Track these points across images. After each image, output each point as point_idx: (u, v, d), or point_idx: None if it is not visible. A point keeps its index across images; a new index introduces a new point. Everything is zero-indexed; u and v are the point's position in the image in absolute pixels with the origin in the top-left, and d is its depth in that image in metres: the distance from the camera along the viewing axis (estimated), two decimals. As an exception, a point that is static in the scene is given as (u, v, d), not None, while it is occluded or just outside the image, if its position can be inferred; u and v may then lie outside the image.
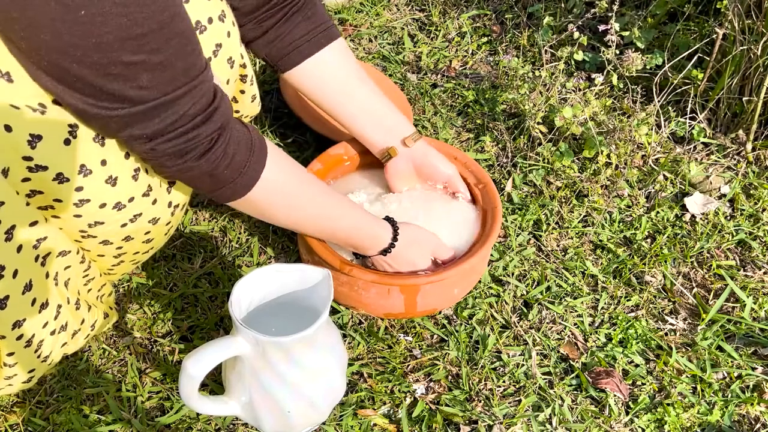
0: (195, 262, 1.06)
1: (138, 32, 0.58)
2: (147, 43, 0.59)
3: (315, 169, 1.04)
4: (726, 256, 1.13)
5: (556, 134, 1.23)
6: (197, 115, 0.67)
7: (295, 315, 0.82)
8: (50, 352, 0.77)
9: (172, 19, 0.61)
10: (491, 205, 1.01)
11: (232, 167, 0.73)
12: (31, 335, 0.72)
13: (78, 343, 0.83)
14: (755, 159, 1.25)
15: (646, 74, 1.33)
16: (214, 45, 0.83)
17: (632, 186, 1.21)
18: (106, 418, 0.89)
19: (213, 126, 0.69)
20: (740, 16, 1.17)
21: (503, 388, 0.95)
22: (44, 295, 0.72)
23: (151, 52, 0.60)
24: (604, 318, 1.04)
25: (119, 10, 0.56)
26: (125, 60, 0.59)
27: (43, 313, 0.72)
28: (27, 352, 0.73)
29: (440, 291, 0.96)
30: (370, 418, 0.90)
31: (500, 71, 1.39)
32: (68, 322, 0.78)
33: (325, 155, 1.06)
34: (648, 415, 0.93)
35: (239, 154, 0.73)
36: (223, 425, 0.89)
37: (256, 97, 0.97)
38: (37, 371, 0.78)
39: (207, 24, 0.81)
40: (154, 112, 0.64)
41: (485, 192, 1.03)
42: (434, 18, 1.52)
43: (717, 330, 1.02)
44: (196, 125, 0.68)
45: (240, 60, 0.87)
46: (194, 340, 0.98)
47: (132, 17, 0.57)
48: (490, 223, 0.99)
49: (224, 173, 0.73)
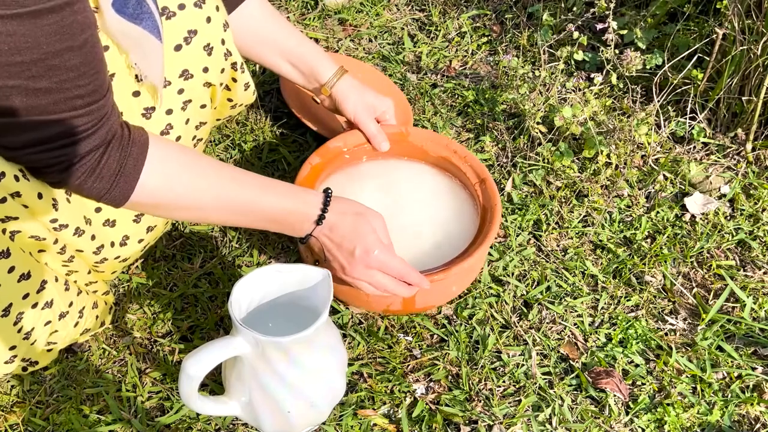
0: (195, 262, 1.06)
1: (18, 60, 0.58)
2: (26, 70, 0.59)
3: (314, 163, 1.03)
4: (726, 256, 1.13)
5: (556, 134, 1.23)
6: (67, 137, 0.66)
7: (295, 315, 0.82)
8: (32, 328, 0.76)
9: (64, 52, 0.61)
10: (491, 202, 1.01)
11: (102, 180, 0.70)
12: (7, 304, 0.71)
13: (67, 331, 0.83)
14: (755, 159, 1.25)
15: (646, 74, 1.33)
16: (185, 32, 0.82)
17: (632, 186, 1.21)
18: (106, 418, 0.89)
19: (83, 148, 0.67)
20: (740, 16, 1.17)
21: (503, 388, 0.95)
22: (25, 266, 0.71)
23: (30, 78, 0.60)
24: (604, 318, 1.04)
25: (2, 38, 0.57)
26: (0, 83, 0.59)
27: (23, 283, 0.71)
28: (4, 323, 0.72)
29: (439, 289, 0.96)
30: (370, 418, 0.90)
31: (500, 71, 1.39)
32: (54, 300, 0.77)
33: (323, 149, 1.06)
34: (648, 415, 0.93)
35: (109, 166, 0.70)
36: (223, 425, 0.89)
37: (249, 85, 0.96)
38: (20, 350, 0.77)
39: (177, 10, 0.80)
40: (17, 129, 0.63)
41: (485, 189, 1.03)
42: (434, 18, 1.52)
43: (717, 330, 1.02)
44: (63, 145, 0.66)
45: (222, 47, 0.86)
46: (194, 340, 0.98)
47: (14, 45, 0.57)
48: (489, 221, 0.99)
49: (94, 186, 0.70)
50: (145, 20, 0.74)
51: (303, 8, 1.53)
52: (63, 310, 0.80)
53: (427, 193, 1.07)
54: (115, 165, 0.69)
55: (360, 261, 0.85)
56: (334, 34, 1.48)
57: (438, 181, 1.09)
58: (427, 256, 0.99)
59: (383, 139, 1.07)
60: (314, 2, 1.54)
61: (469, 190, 1.06)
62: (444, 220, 1.03)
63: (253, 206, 0.81)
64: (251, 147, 1.23)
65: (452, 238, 1.00)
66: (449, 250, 0.99)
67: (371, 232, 0.85)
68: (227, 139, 1.25)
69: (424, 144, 1.09)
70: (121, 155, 0.70)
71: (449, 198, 1.06)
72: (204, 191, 0.77)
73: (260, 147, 1.24)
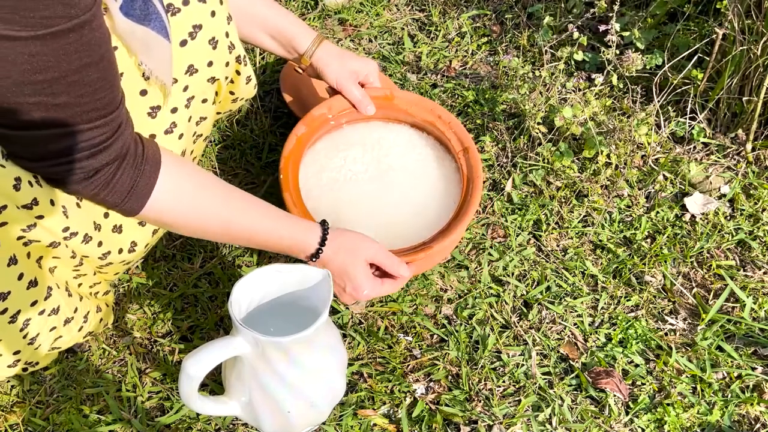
0: (195, 262, 1.06)
1: (39, 78, 0.60)
2: (47, 87, 0.61)
3: (300, 133, 1.04)
4: (726, 256, 1.13)
5: (556, 134, 1.23)
6: (83, 150, 0.67)
7: (295, 315, 0.82)
8: (37, 334, 0.76)
9: (84, 68, 0.62)
10: (473, 174, 1.01)
11: (115, 194, 0.72)
12: (16, 311, 0.71)
13: (71, 335, 0.83)
14: (755, 159, 1.25)
15: (646, 74, 1.33)
16: (190, 27, 0.82)
17: (632, 186, 1.21)
18: (106, 418, 0.89)
19: (98, 162, 0.69)
20: (740, 16, 1.17)
21: (503, 388, 0.95)
22: (32, 273, 0.71)
23: (50, 95, 0.61)
24: (604, 318, 1.04)
25: (25, 59, 0.58)
26: (20, 100, 0.60)
27: (32, 290, 0.71)
28: (11, 329, 0.72)
29: (424, 265, 1.00)
30: (370, 418, 0.90)
31: (500, 71, 1.39)
32: (60, 307, 0.78)
33: (308, 117, 1.06)
34: (648, 415, 0.93)
35: (122, 182, 0.72)
36: (223, 425, 0.89)
37: (251, 78, 0.97)
38: (23, 355, 0.77)
39: (182, 6, 0.80)
40: (36, 142, 0.65)
41: (468, 158, 1.03)
42: (434, 18, 1.52)
43: (717, 330, 1.02)
44: (79, 159, 0.68)
45: (226, 40, 0.87)
46: (194, 340, 0.98)
47: (36, 65, 0.59)
48: (470, 193, 0.99)
49: (107, 198, 0.72)
50: (153, 21, 0.75)
51: (303, 8, 1.53)
52: (68, 315, 0.81)
53: (412, 157, 1.08)
54: (128, 182, 0.72)
55: (350, 297, 0.92)
56: (334, 34, 1.48)
57: (423, 144, 1.10)
58: (414, 217, 1.02)
59: (368, 103, 1.08)
60: (314, 2, 1.54)
61: (453, 156, 1.07)
62: (429, 184, 1.05)
63: (255, 236, 0.85)
64: (251, 147, 1.23)
65: (437, 198, 1.03)
66: (435, 210, 1.02)
67: (361, 271, 0.90)
68: (227, 138, 1.25)
69: (409, 108, 1.09)
70: (135, 173, 0.72)
71: (435, 164, 1.07)
72: (210, 216, 0.80)
73: (260, 147, 1.24)
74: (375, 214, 1.01)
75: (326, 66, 1.05)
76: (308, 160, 1.06)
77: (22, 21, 0.56)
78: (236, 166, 1.21)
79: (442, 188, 1.04)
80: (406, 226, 1.01)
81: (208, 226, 0.80)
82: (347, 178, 1.04)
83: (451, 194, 1.03)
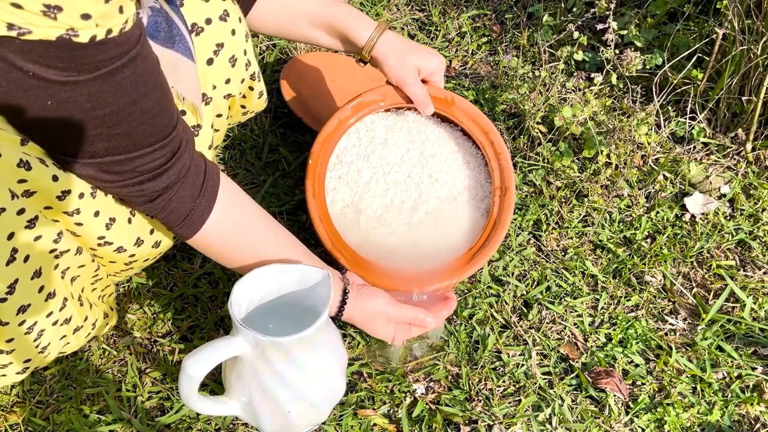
0: (195, 262, 1.06)
1: (100, 113, 0.62)
2: (107, 120, 0.63)
3: (342, 116, 1.01)
4: (726, 256, 1.13)
5: (556, 134, 1.23)
6: (144, 173, 0.70)
7: (295, 315, 0.82)
8: (48, 343, 0.76)
9: (140, 98, 0.65)
10: (501, 219, 0.98)
11: (172, 218, 0.76)
12: (33, 322, 0.72)
13: (78, 341, 0.83)
14: (755, 159, 1.25)
15: (645, 74, 1.33)
16: (214, 45, 0.83)
17: (632, 186, 1.21)
18: (106, 418, 0.89)
19: (159, 184, 0.72)
20: (740, 16, 1.17)
21: (503, 388, 0.95)
22: (52, 285, 0.72)
23: (111, 126, 0.64)
24: (604, 318, 1.04)
25: (85, 98, 0.61)
26: (83, 134, 0.64)
27: (49, 302, 0.72)
28: (26, 339, 0.73)
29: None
30: (370, 418, 0.90)
31: (500, 71, 1.39)
32: (72, 317, 0.78)
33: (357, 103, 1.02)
34: (648, 415, 0.93)
35: (177, 212, 0.76)
36: (223, 425, 0.89)
37: (263, 93, 0.97)
38: (32, 363, 0.77)
39: (205, 25, 0.81)
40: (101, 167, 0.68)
41: (503, 200, 1.00)
42: (434, 18, 1.52)
43: (717, 330, 1.02)
44: (141, 182, 0.71)
45: (244, 57, 0.87)
46: (194, 340, 0.98)
47: (96, 103, 0.61)
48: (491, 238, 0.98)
49: (165, 220, 0.77)
50: (177, 43, 0.76)
51: (303, 8, 1.53)
52: (79, 324, 0.81)
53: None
54: (184, 211, 0.76)
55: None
56: (334, 34, 1.48)
57: (467, 165, 1.05)
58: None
59: (428, 103, 1.02)
60: (314, 2, 1.54)
61: (491, 190, 1.02)
62: (456, 214, 1.01)
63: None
64: (251, 147, 1.23)
65: (457, 239, 1.00)
66: (453, 241, 1.00)
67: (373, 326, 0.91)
68: (227, 139, 1.25)
69: (465, 120, 1.04)
70: (191, 202, 0.76)
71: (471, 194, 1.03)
72: (252, 256, 0.83)
73: (260, 147, 1.24)
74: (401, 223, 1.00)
75: (383, 64, 0.99)
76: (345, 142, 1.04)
77: (79, 67, 0.58)
78: (236, 166, 1.21)
79: (466, 226, 1.00)
80: (430, 246, 0.98)
81: (247, 264, 0.83)
82: (385, 172, 1.02)
83: (474, 231, 1.00)
